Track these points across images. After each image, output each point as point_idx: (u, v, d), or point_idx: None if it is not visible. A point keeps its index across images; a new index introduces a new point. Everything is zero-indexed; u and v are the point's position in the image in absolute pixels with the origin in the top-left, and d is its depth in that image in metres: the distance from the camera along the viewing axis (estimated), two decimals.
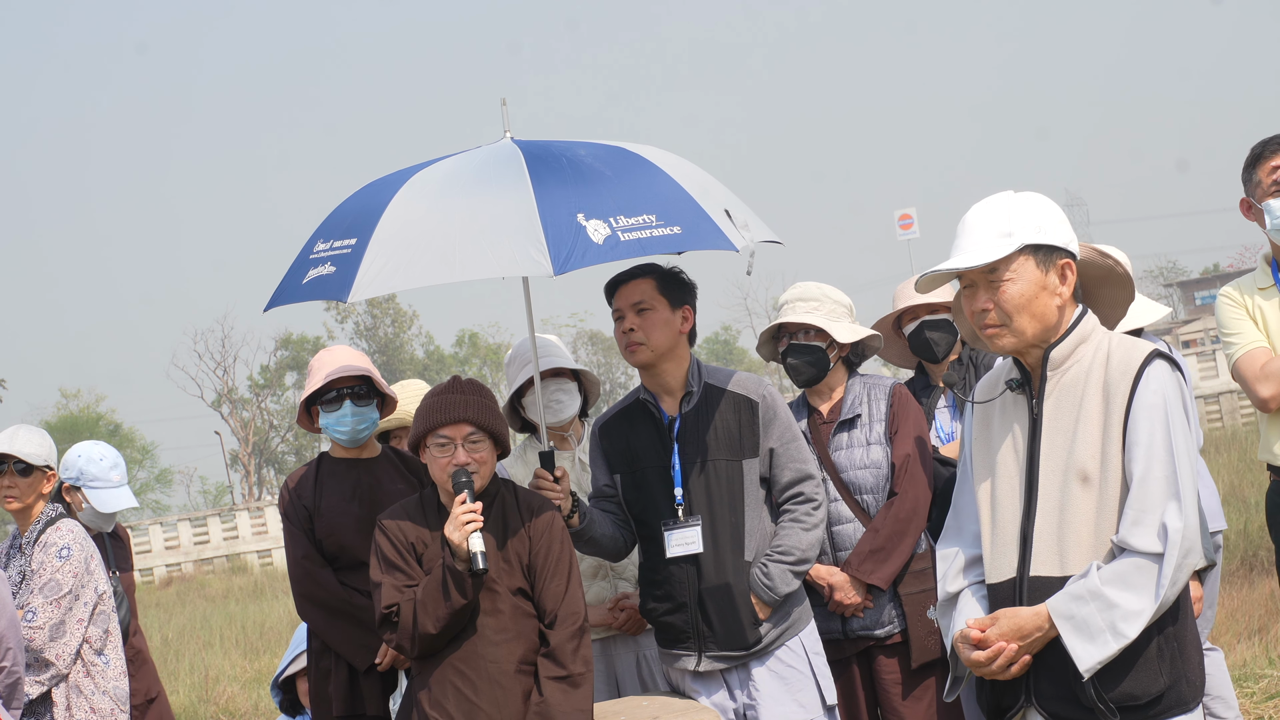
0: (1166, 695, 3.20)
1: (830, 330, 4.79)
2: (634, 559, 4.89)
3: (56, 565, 5.02)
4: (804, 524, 4.41)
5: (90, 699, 5.07)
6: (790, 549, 4.38)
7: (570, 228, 3.67)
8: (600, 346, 72.33)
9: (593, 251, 3.66)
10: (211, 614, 19.36)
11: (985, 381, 3.53)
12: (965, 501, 3.51)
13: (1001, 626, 3.28)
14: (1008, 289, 3.29)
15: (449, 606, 3.89)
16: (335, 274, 3.83)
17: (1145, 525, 3.15)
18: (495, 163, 3.95)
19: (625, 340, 4.42)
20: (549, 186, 3.79)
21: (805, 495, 4.44)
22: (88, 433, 62.21)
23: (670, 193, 3.91)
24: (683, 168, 4.10)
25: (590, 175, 3.88)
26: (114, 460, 5.88)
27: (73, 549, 5.07)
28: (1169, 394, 3.22)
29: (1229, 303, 4.64)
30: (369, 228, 3.84)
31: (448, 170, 4.02)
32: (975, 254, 3.30)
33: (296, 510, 4.75)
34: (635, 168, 4.00)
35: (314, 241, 4.02)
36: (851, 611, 4.66)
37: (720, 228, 3.88)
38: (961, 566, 3.47)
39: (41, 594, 4.97)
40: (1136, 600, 3.13)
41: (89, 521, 5.84)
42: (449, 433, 3.97)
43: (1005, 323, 3.31)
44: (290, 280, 4.02)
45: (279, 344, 69.04)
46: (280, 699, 5.23)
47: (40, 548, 5.05)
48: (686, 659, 4.43)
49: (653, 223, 3.78)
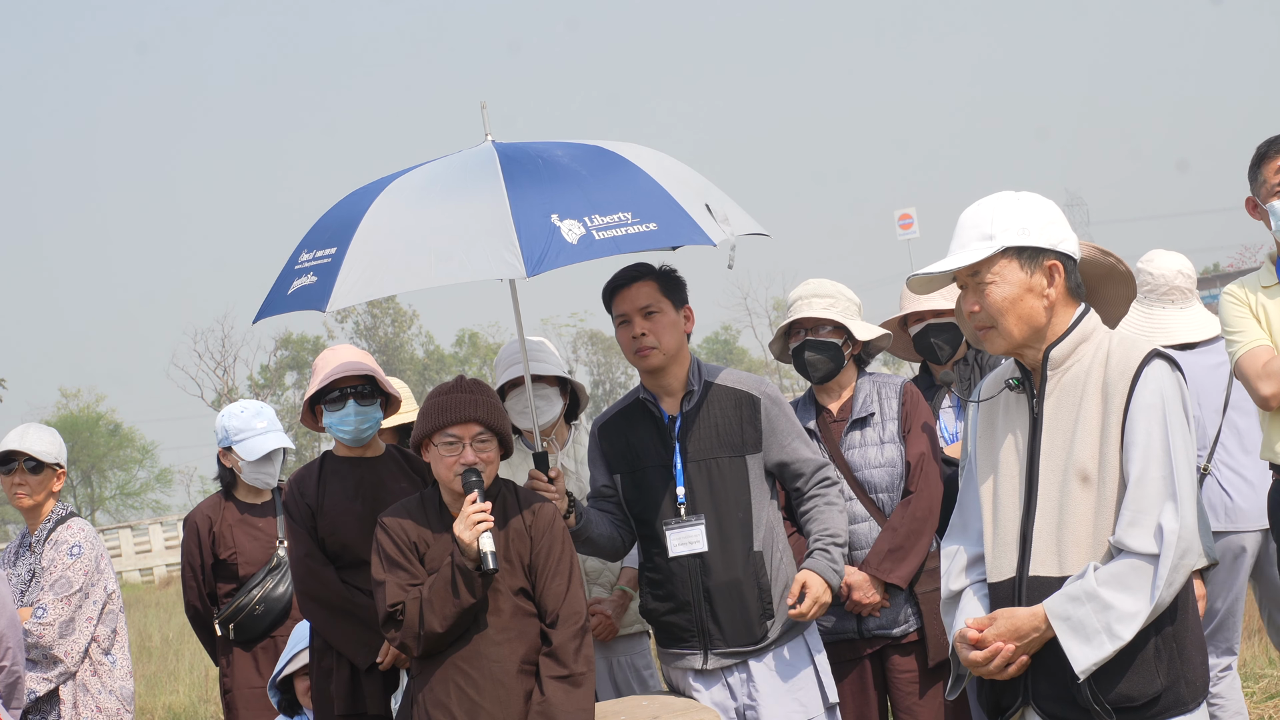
0: (1164, 696, 3.20)
1: (849, 326, 4.79)
2: (612, 565, 4.91)
3: (68, 563, 5.04)
4: (837, 505, 4.45)
5: (97, 698, 5.08)
6: (837, 531, 4.40)
7: (544, 228, 3.69)
8: (600, 346, 72.36)
9: (567, 251, 3.68)
10: None
11: (989, 380, 3.54)
12: (970, 499, 3.52)
13: (999, 627, 3.29)
14: (991, 291, 3.31)
15: (457, 605, 3.89)
16: (316, 284, 3.87)
17: (1142, 526, 3.15)
18: (471, 166, 3.99)
19: (636, 345, 4.40)
20: (523, 188, 3.81)
21: (830, 479, 4.47)
22: (88, 432, 62.29)
23: (646, 189, 3.92)
24: (662, 164, 4.11)
25: (565, 175, 3.90)
26: (256, 409, 5.76)
27: (84, 547, 5.09)
28: (1168, 394, 3.22)
29: (1233, 301, 4.65)
30: (347, 237, 3.88)
31: (424, 176, 4.05)
32: (957, 256, 3.34)
33: (299, 508, 4.76)
34: (612, 166, 4.01)
35: (299, 252, 4.07)
36: (870, 611, 4.65)
37: (697, 222, 3.89)
38: (964, 565, 3.48)
39: (52, 591, 4.98)
40: (1132, 602, 3.13)
41: (251, 480, 5.71)
42: (458, 432, 3.97)
43: (992, 324, 3.34)
44: (276, 291, 4.07)
45: (279, 344, 69.10)
46: (278, 699, 5.23)
47: (51, 545, 5.07)
48: (691, 658, 4.43)
49: (628, 220, 3.79)
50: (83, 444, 61.90)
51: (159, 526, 34.47)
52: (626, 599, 5.13)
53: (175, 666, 13.87)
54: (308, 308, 3.87)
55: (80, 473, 62.62)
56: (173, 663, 14.17)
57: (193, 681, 12.85)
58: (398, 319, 73.20)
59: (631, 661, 5.19)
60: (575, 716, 3.92)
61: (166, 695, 12.31)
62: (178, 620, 18.75)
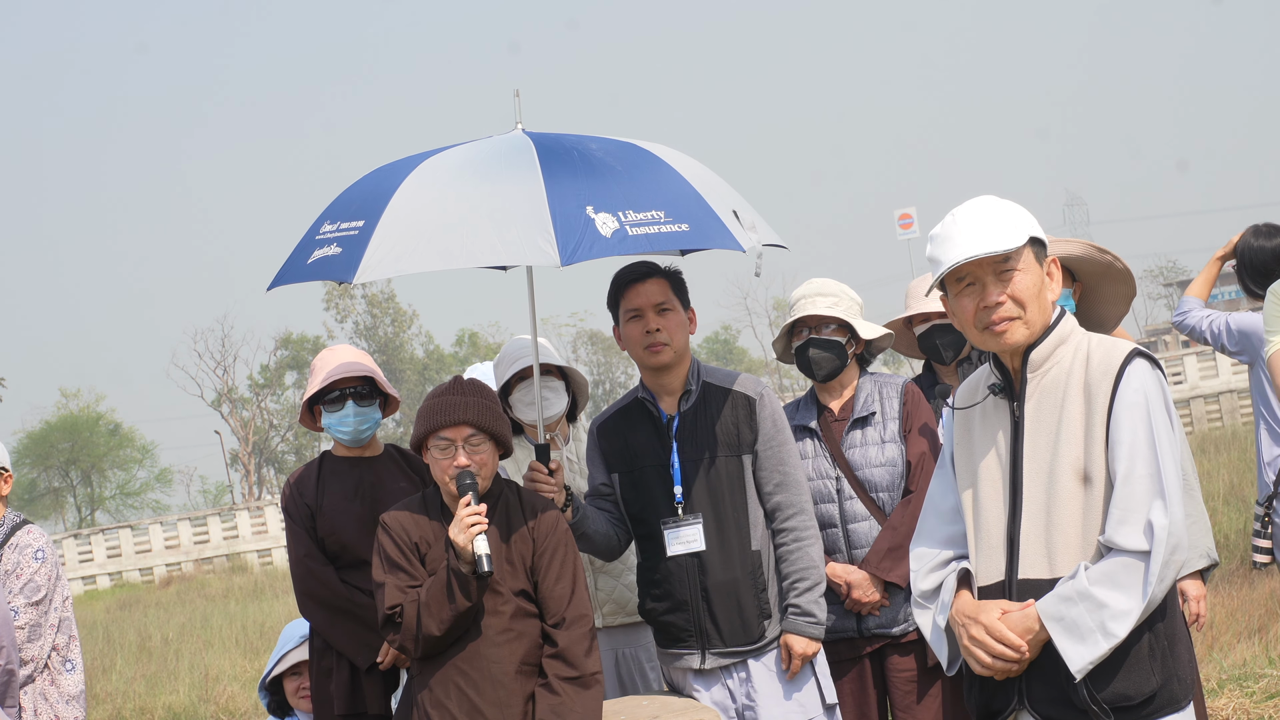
0: (1159, 694, 3.19)
1: (855, 325, 4.79)
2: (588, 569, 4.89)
3: (35, 566, 4.99)
4: (806, 539, 4.43)
5: (55, 707, 5.05)
6: (806, 572, 4.39)
7: (579, 220, 3.66)
8: (600, 346, 72.35)
9: (600, 244, 3.64)
10: (211, 613, 19.37)
11: (965, 387, 3.50)
12: (945, 504, 3.49)
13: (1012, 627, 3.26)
14: (1020, 279, 3.26)
15: (453, 609, 3.89)
16: (341, 255, 3.80)
17: (1131, 524, 3.14)
18: (507, 152, 3.94)
19: (649, 340, 4.40)
20: (559, 178, 3.77)
21: (795, 508, 4.43)
22: (88, 432, 62.27)
23: (679, 190, 3.91)
24: (692, 167, 4.10)
25: (600, 169, 3.87)
26: None
27: (46, 552, 5.05)
28: (1150, 392, 3.21)
29: (1274, 299, 4.67)
30: (377, 211, 3.81)
31: (459, 158, 4.00)
32: (991, 242, 3.23)
33: (298, 508, 4.75)
34: (645, 164, 3.99)
35: (320, 222, 4.00)
36: (869, 609, 4.66)
37: (728, 227, 3.87)
38: (933, 566, 3.45)
39: (23, 595, 4.95)
40: (1125, 599, 3.11)
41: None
42: (449, 434, 3.97)
43: (1019, 314, 3.27)
44: (295, 260, 3.99)
45: (279, 343, 69.07)
46: (268, 700, 5.19)
47: (13, 549, 5.01)
48: (689, 658, 4.43)
49: (661, 219, 3.76)
50: (83, 444, 61.90)
51: (159, 526, 34.48)
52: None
53: (175, 666, 13.89)
54: (332, 278, 3.80)
55: (80, 473, 62.62)
56: (173, 663, 14.19)
57: (193, 681, 12.86)
58: (398, 318, 73.18)
59: (635, 654, 5.18)
60: (588, 717, 3.93)
61: (166, 695, 12.31)
62: (178, 620, 18.78)
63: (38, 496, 62.15)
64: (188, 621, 18.45)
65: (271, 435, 68.05)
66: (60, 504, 62.93)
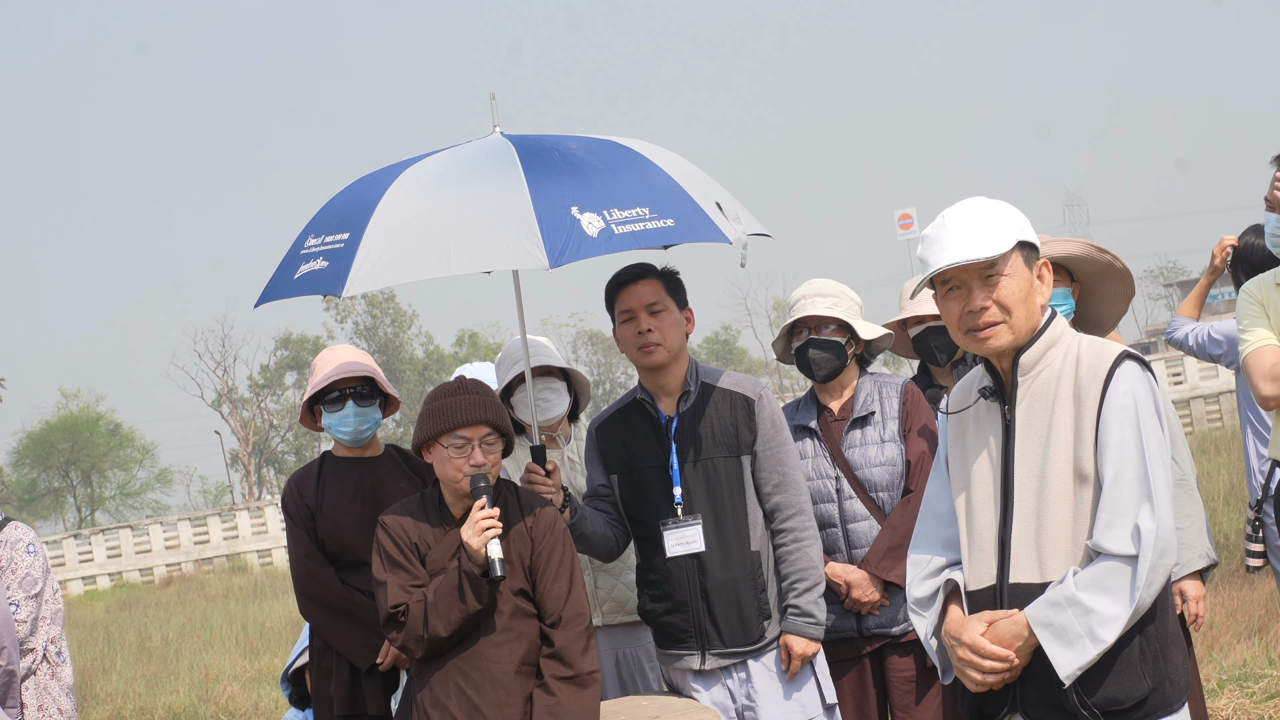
0: (1151, 698, 3.18)
1: (855, 326, 4.80)
2: None
3: (29, 561, 5.01)
4: (806, 540, 4.43)
5: (57, 700, 5.07)
6: (805, 572, 4.39)
7: (565, 221, 3.66)
8: (600, 346, 72.33)
9: (587, 244, 3.65)
10: (211, 614, 19.36)
11: (957, 391, 3.50)
12: (940, 507, 3.49)
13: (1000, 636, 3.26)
14: (1006, 284, 3.25)
15: (463, 610, 3.89)
16: (328, 269, 3.81)
17: (1118, 528, 3.12)
18: (488, 157, 3.94)
19: (641, 341, 4.40)
20: (542, 180, 3.78)
21: (794, 509, 4.43)
22: (88, 432, 62.28)
23: (662, 185, 3.91)
24: (673, 161, 4.10)
25: (583, 168, 3.87)
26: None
27: (36, 546, 5.07)
28: (1139, 395, 3.20)
29: (1248, 298, 4.68)
30: (362, 223, 3.82)
31: (440, 165, 4.01)
32: (976, 248, 3.24)
33: (299, 509, 4.75)
34: (627, 161, 3.99)
35: (304, 237, 4.00)
36: (869, 609, 4.66)
37: (713, 220, 3.87)
38: (931, 571, 3.45)
39: (21, 588, 4.96)
40: (1112, 604, 3.10)
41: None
42: (467, 433, 3.96)
43: (1004, 319, 3.27)
44: (281, 276, 4.00)
45: (279, 344, 69.10)
46: (290, 691, 5.25)
47: (4, 545, 5.02)
48: (689, 658, 4.43)
49: (646, 215, 3.77)
50: (83, 444, 61.91)
51: (159, 527, 34.46)
52: None
53: (175, 667, 13.89)
54: (319, 292, 3.82)
55: (80, 473, 62.63)
56: (173, 663, 14.19)
57: (193, 681, 12.86)
58: (397, 319, 73.21)
59: (635, 654, 5.18)
60: (584, 717, 3.93)
61: (166, 695, 12.31)
62: (178, 620, 18.78)
63: (38, 496, 62.20)
64: (188, 622, 18.44)
65: (271, 435, 68.06)
66: (60, 504, 62.97)
